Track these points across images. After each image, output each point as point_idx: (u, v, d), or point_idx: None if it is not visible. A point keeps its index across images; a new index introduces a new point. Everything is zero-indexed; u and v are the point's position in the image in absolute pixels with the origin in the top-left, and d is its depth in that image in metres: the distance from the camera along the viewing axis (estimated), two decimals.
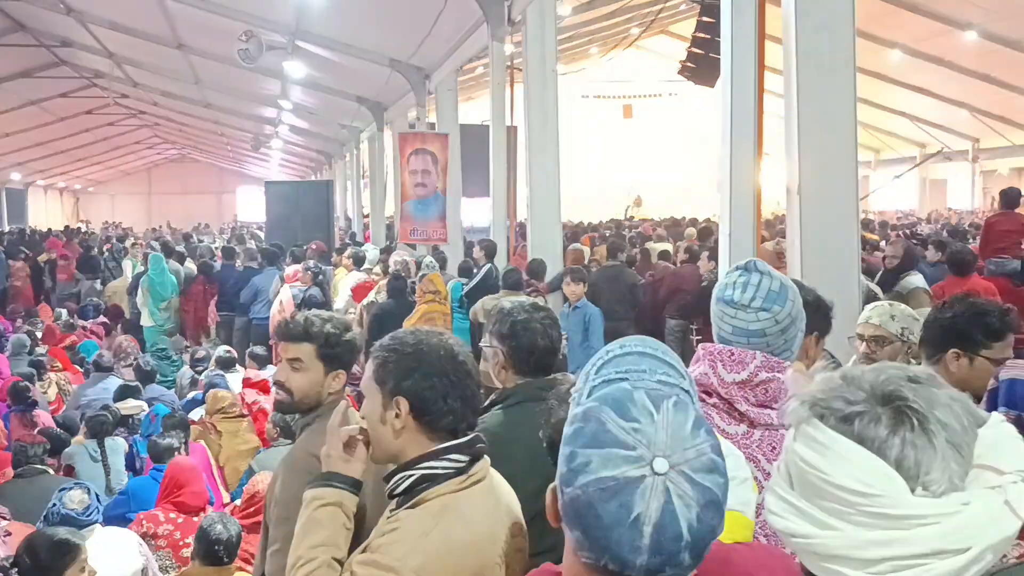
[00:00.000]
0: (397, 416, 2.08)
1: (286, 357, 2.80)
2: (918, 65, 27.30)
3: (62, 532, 3.65)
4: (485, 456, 2.12)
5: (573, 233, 15.40)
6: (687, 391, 1.60)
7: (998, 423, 1.15)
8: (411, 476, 2.05)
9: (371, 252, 11.55)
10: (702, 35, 10.75)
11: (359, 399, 6.60)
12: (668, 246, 13.42)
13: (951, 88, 28.98)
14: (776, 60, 5.03)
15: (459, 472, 2.04)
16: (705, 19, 10.56)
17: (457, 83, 14.25)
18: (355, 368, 3.17)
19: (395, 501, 2.09)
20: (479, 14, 10.98)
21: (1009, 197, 9.36)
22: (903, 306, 3.92)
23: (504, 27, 10.71)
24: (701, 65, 10.74)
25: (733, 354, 2.29)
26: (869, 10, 23.47)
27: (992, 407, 2.29)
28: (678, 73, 11.76)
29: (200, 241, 23.23)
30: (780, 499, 1.15)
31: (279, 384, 2.80)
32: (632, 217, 28.70)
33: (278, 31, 14.17)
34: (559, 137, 9.87)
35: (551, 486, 1.29)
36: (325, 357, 2.75)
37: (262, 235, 21.30)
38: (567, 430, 1.25)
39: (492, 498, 2.09)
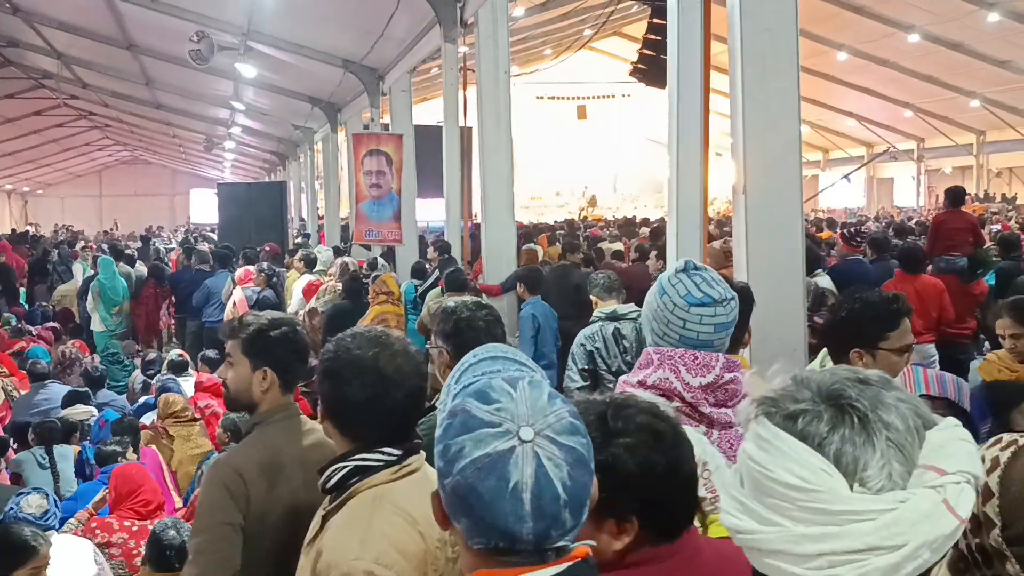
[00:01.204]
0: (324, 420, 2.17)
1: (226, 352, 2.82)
2: (864, 66, 27.83)
3: (26, 531, 3.59)
4: (422, 451, 2.15)
5: (529, 233, 15.43)
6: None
7: (951, 426, 1.16)
8: (344, 468, 2.08)
9: (324, 254, 11.49)
10: (653, 37, 10.83)
11: (312, 402, 6.55)
12: (622, 246, 13.52)
13: (896, 89, 29.60)
14: (725, 60, 5.09)
15: (391, 464, 2.07)
16: (656, 21, 10.63)
17: (411, 84, 14.23)
18: None
19: (328, 498, 2.12)
20: (432, 15, 10.99)
21: (955, 196, 9.56)
22: None
23: (456, 29, 10.74)
24: (652, 67, 10.82)
25: (697, 358, 2.31)
26: (815, 12, 23.86)
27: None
28: (629, 75, 11.85)
29: (154, 244, 22.93)
30: (731, 497, 1.17)
31: (222, 380, 2.83)
32: (586, 217, 28.85)
33: (230, 31, 14.05)
34: (512, 138, 9.90)
35: (432, 491, 1.36)
36: (249, 353, 2.70)
37: (216, 237, 21.09)
38: (438, 432, 1.33)
39: (427, 488, 2.09)
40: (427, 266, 10.27)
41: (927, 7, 22.51)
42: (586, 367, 5.43)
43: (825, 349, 3.67)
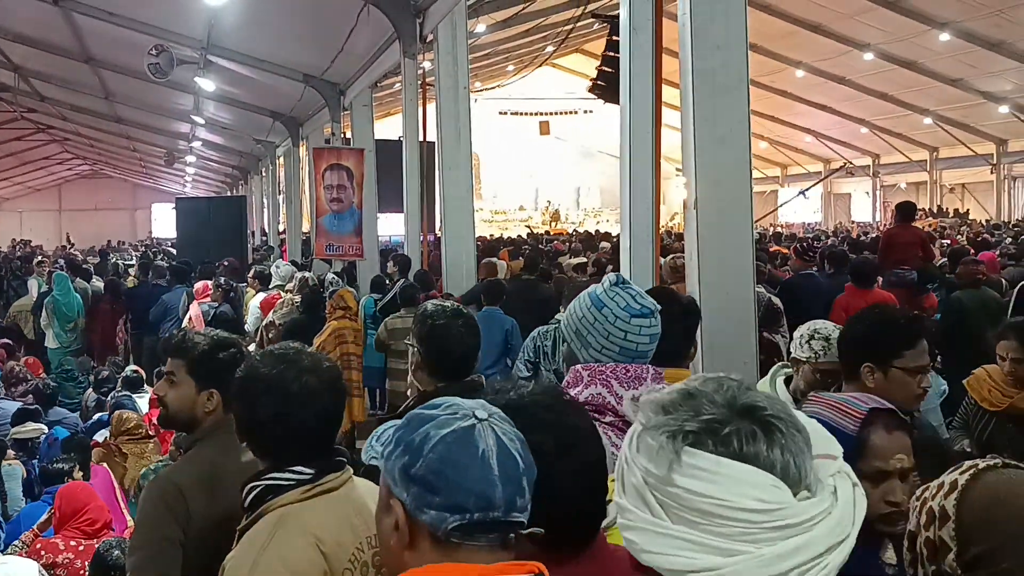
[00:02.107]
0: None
1: (165, 370, 2.78)
2: (821, 84, 28.35)
3: None
4: (347, 468, 2.14)
5: (490, 247, 15.45)
6: None
7: (801, 415, 1.19)
8: (257, 487, 2.07)
9: (283, 268, 11.39)
10: (611, 54, 10.94)
11: None
12: (583, 260, 13.56)
13: (852, 106, 30.19)
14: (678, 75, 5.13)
15: (302, 483, 2.05)
16: (614, 38, 10.73)
17: (372, 99, 14.23)
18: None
19: (244, 516, 2.10)
20: (391, 31, 11.00)
21: (905, 211, 9.72)
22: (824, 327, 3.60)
23: (416, 45, 10.76)
24: (610, 83, 10.91)
25: (628, 370, 2.32)
26: (773, 30, 24.32)
27: None
28: (588, 91, 11.95)
29: (113, 259, 22.64)
30: (662, 535, 1.13)
31: (157, 397, 2.78)
32: (548, 232, 28.97)
33: (189, 45, 13.97)
34: (473, 153, 9.95)
35: (392, 521, 1.37)
36: (196, 374, 2.67)
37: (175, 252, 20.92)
38: (388, 447, 1.38)
39: (345, 507, 2.09)
40: (386, 280, 10.24)
41: (881, 26, 23.00)
42: (531, 360, 5.64)
43: (777, 366, 3.70)
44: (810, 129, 33.50)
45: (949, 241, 17.42)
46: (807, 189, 16.61)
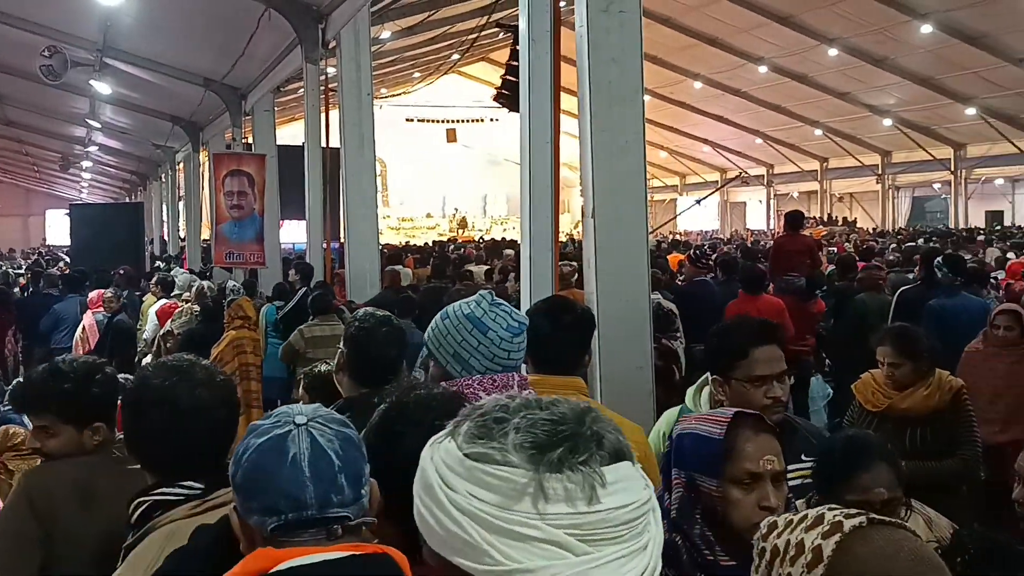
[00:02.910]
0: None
1: (35, 424, 2.64)
2: (718, 95, 29.19)
3: None
4: None
5: (395, 255, 15.38)
6: None
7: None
8: (145, 503, 2.02)
9: (181, 277, 11.14)
10: (515, 63, 11.01)
11: None
12: (489, 267, 13.62)
13: (748, 117, 31.20)
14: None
15: (192, 498, 2.01)
16: (517, 47, 10.83)
17: (274, 104, 14.05)
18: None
19: (131, 532, 2.05)
20: (294, 36, 10.89)
21: (793, 220, 10.06)
22: None
23: (319, 50, 10.67)
24: (514, 92, 10.94)
25: (496, 380, 2.32)
26: (673, 42, 24.95)
27: (666, 469, 2.04)
28: (493, 99, 12.01)
29: (2, 267, 21.73)
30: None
31: (36, 450, 2.67)
32: (455, 239, 29.01)
33: (84, 47, 13.59)
34: (376, 160, 9.91)
35: (236, 525, 1.47)
36: (72, 420, 2.56)
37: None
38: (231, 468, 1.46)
39: None
40: (289, 291, 10.09)
41: (774, 40, 23.83)
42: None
43: (704, 377, 3.66)
44: (708, 140, 34.43)
45: (837, 248, 18.13)
46: (703, 198, 17.07)
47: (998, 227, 27.71)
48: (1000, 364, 5.27)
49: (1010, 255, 14.88)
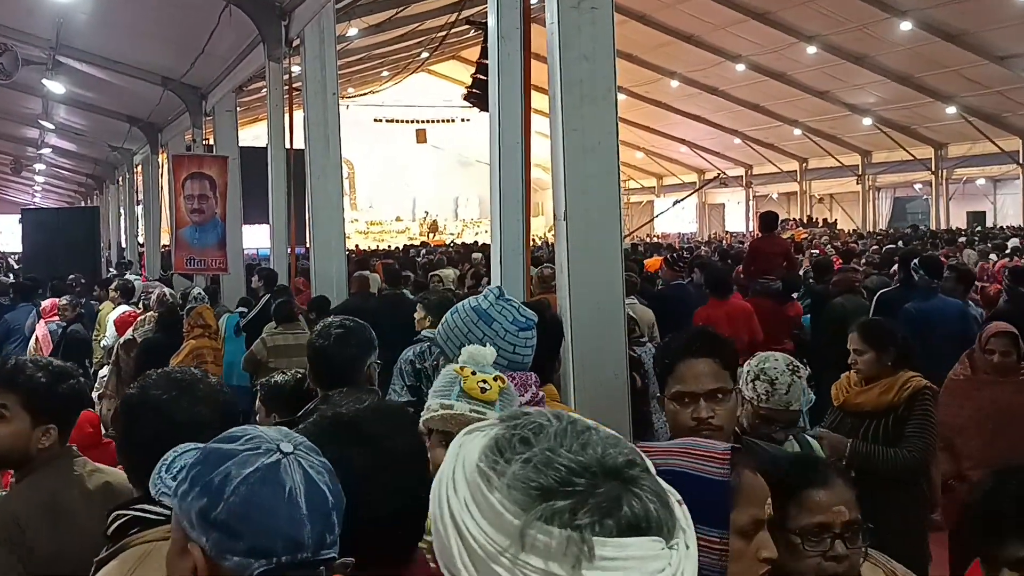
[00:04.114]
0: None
1: None
2: (696, 95, 29.13)
3: None
4: None
5: (363, 260, 15.09)
6: None
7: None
8: (124, 517, 1.95)
9: (139, 285, 10.84)
10: (485, 61, 10.78)
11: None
12: (459, 271, 13.39)
13: (726, 117, 31.14)
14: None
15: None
16: (488, 45, 10.61)
17: (236, 104, 13.72)
18: None
19: (105, 546, 1.94)
20: (256, 33, 10.58)
21: (768, 221, 9.93)
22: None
23: (282, 48, 10.39)
24: (485, 91, 10.72)
25: (515, 379, 2.31)
26: (649, 40, 24.82)
27: None
28: (463, 98, 11.77)
29: None
30: None
31: None
32: (426, 243, 28.78)
33: (37, 45, 13.31)
34: (343, 162, 9.66)
35: (189, 566, 1.27)
36: (32, 409, 2.49)
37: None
38: (182, 488, 1.28)
39: None
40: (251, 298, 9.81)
41: (752, 38, 23.75)
42: (410, 384, 5.41)
43: None
44: (685, 140, 34.33)
45: (818, 250, 18.05)
46: (681, 200, 16.95)
47: (979, 228, 27.83)
48: (1000, 394, 4.66)
49: (992, 256, 14.88)
